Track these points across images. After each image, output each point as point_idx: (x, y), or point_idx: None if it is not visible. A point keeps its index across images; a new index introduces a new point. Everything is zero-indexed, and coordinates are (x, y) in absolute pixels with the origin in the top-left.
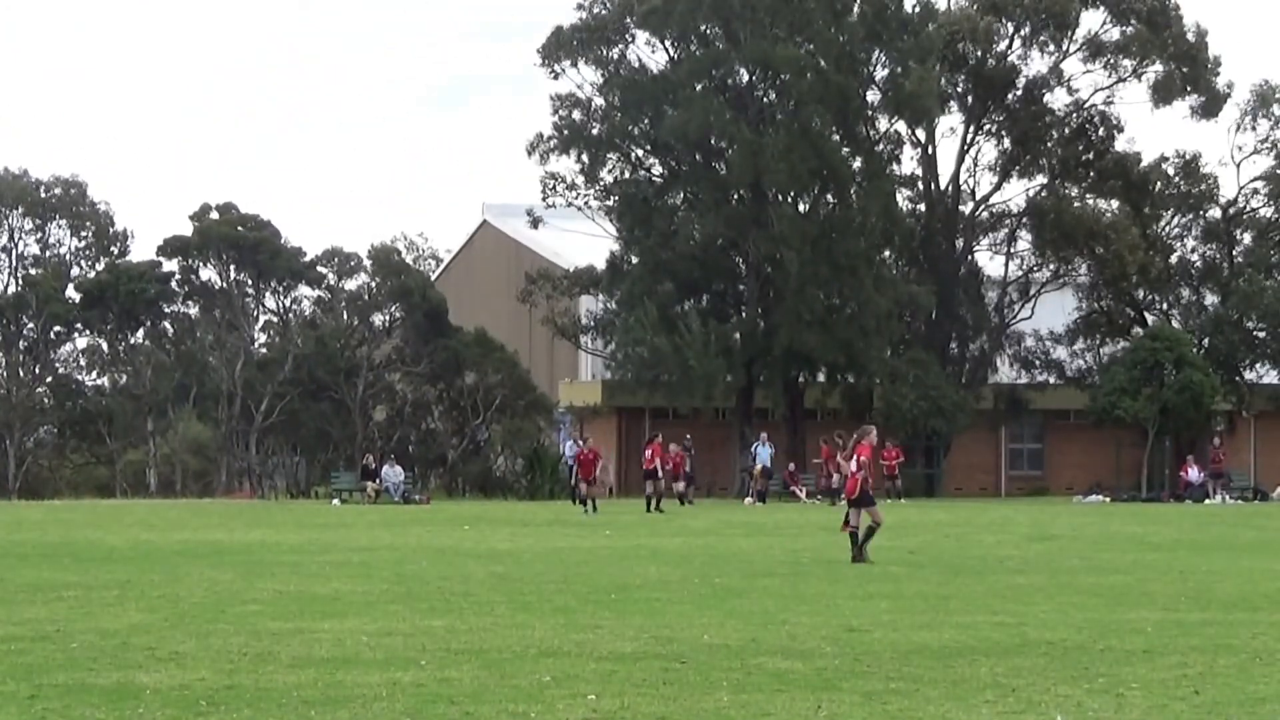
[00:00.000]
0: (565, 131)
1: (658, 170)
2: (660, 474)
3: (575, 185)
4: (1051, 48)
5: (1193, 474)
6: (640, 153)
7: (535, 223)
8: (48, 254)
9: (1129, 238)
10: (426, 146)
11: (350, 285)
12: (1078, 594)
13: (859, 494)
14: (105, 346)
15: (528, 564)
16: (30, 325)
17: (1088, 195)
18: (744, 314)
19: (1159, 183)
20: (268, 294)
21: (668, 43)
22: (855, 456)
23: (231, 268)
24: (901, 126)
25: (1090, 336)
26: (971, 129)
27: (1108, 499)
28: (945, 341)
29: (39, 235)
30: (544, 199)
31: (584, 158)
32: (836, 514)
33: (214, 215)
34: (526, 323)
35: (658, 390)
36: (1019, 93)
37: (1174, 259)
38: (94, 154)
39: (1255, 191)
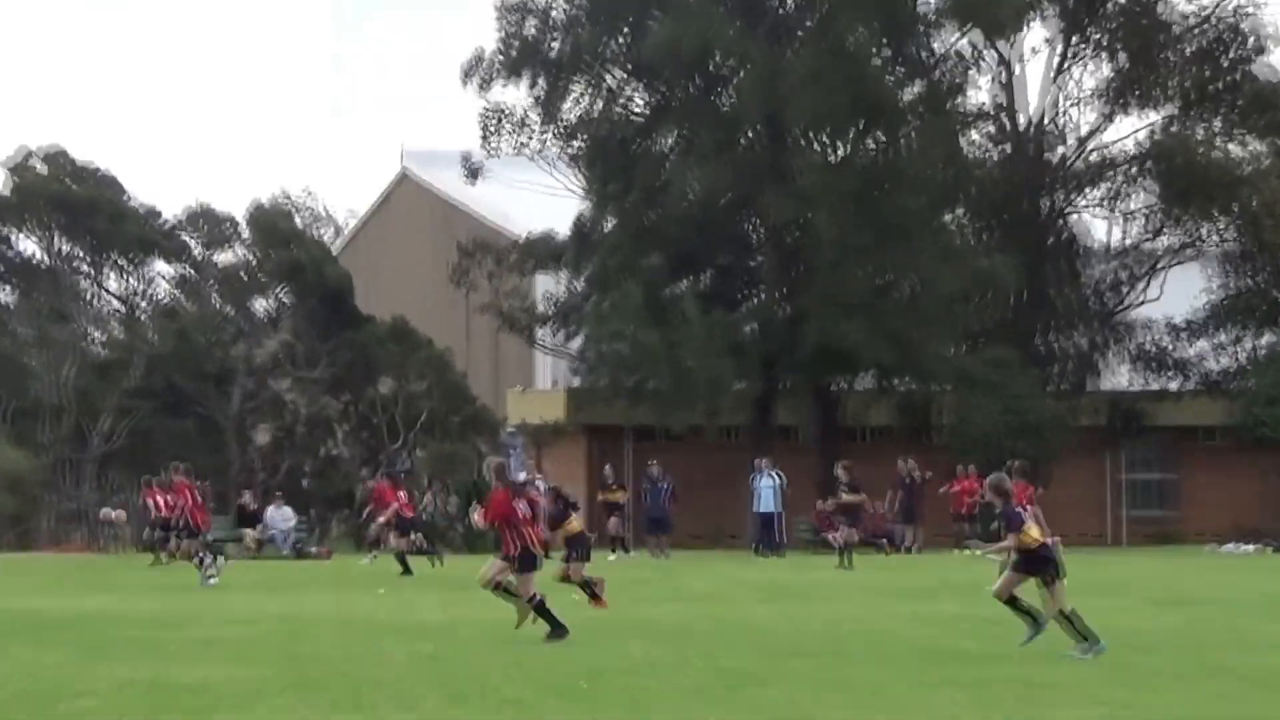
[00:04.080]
0: (515, 50)
1: (640, 103)
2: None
3: (528, 123)
4: None
5: None
6: (617, 79)
7: (473, 174)
8: None
9: (1269, 188)
10: (324, 74)
11: (222, 259)
12: (1225, 679)
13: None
14: None
15: (466, 642)
16: None
17: (1234, 132)
18: (759, 298)
19: None
20: (109, 272)
21: None
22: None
23: (59, 236)
24: (971, 44)
25: (1234, 326)
26: (1068, 46)
27: (1266, 548)
28: (1034, 333)
29: None
30: (485, 142)
31: (540, 85)
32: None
33: (37, 165)
34: (462, 310)
35: (642, 402)
36: None
37: None
38: None
39: None
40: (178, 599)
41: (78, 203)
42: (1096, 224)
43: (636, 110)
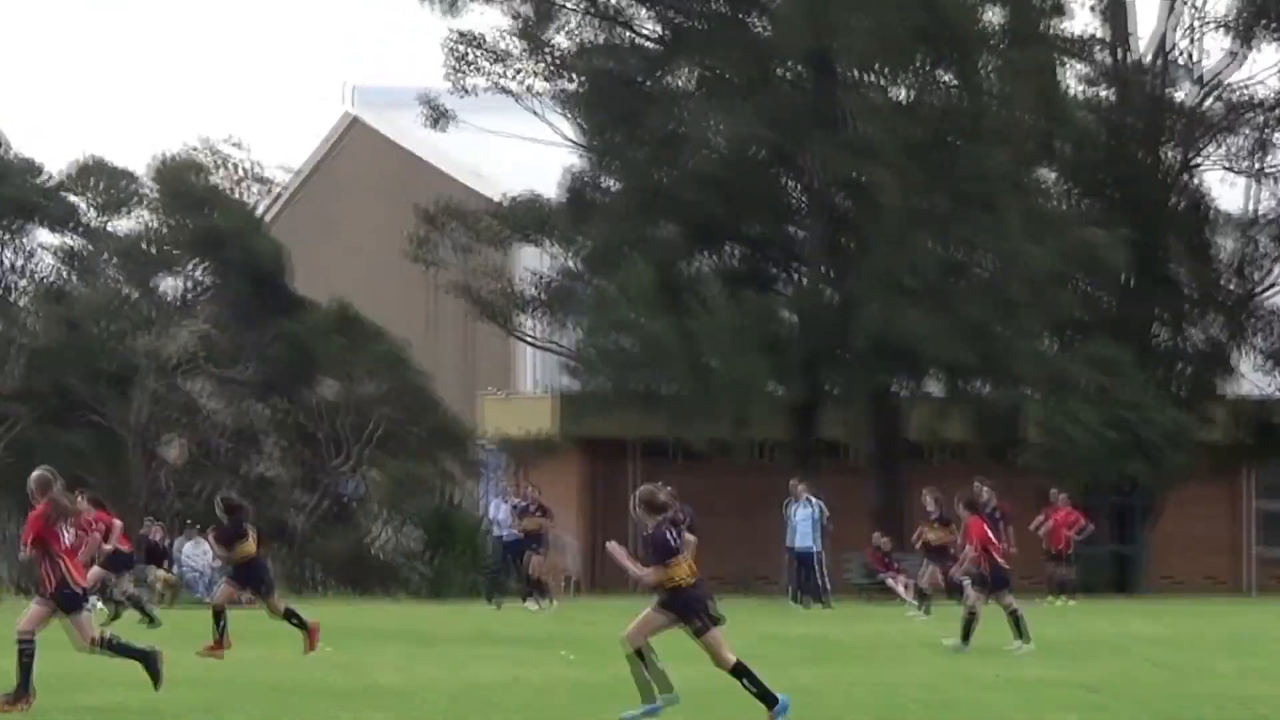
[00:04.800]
0: None
1: (651, 29)
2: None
3: (508, 54)
4: None
5: None
6: None
7: (438, 119)
8: None
9: None
10: None
11: (123, 227)
12: None
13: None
14: None
15: (432, 710)
16: None
17: None
18: (800, 278)
19: None
20: None
21: None
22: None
23: None
24: None
25: None
26: None
27: None
28: (1147, 324)
29: None
30: (453, 79)
31: (524, 4)
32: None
33: None
34: (426, 293)
35: (652, 410)
36: None
37: None
38: None
39: None
40: (62, 655)
41: None
42: (1228, 186)
43: (647, 38)
